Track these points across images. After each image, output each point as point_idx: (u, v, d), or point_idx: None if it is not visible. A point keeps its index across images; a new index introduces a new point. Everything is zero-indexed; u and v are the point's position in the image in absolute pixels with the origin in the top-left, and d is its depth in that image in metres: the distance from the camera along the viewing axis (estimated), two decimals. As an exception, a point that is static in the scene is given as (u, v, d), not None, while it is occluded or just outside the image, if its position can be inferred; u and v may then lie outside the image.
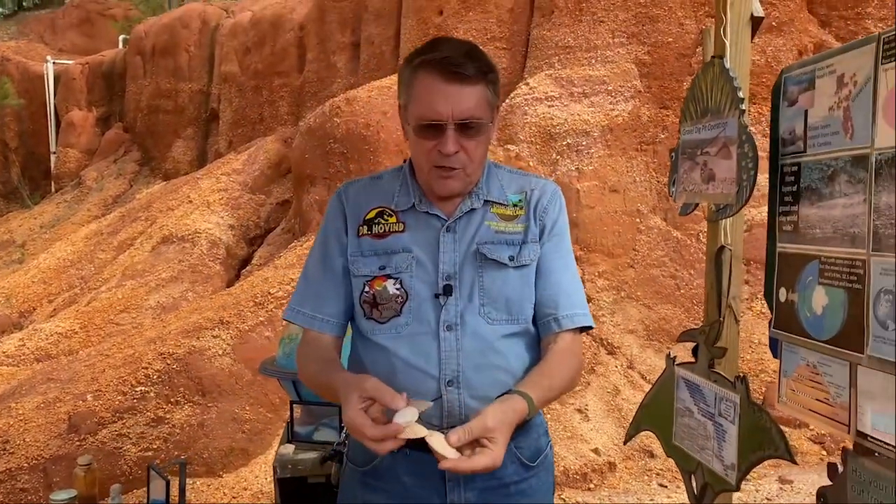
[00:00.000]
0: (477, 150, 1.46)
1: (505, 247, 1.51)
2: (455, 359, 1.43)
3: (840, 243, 1.45)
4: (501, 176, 1.61)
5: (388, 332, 1.47)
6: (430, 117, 1.42)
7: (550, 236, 1.56)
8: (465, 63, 1.41)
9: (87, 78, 14.84)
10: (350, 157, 7.56)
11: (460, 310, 1.45)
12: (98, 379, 5.37)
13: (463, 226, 1.52)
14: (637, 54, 7.24)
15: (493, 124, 1.52)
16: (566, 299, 1.52)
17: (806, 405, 1.62)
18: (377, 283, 1.48)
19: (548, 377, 1.44)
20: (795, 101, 1.67)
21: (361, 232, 1.53)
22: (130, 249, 8.82)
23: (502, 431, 1.25)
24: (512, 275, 1.49)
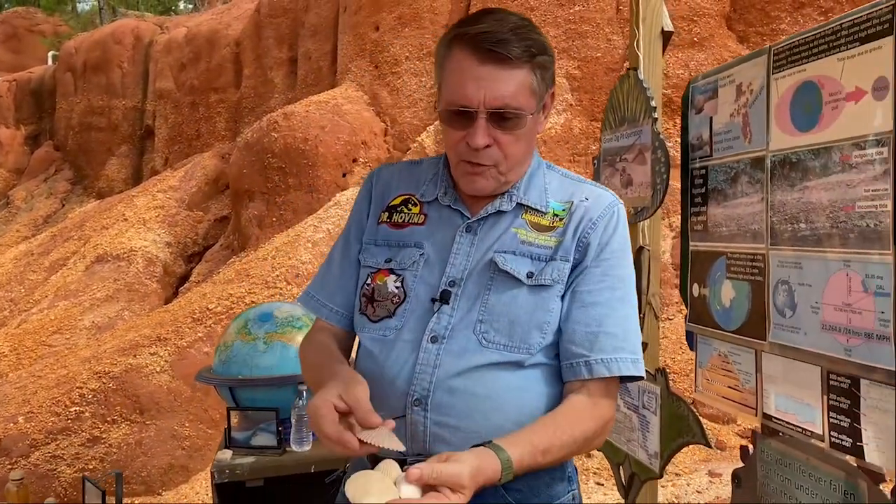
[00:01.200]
0: (514, 146, 1.23)
1: (527, 261, 1.25)
2: (429, 375, 1.21)
3: (743, 239, 1.57)
4: (550, 179, 1.35)
5: (374, 333, 1.29)
6: (459, 103, 1.20)
7: (599, 260, 1.26)
8: (508, 41, 1.18)
9: (15, 95, 14.38)
10: (289, 172, 7.55)
11: (453, 322, 1.23)
12: (30, 400, 5.21)
13: (486, 228, 1.29)
14: (568, 69, 7.46)
15: (541, 117, 1.29)
16: (608, 341, 1.22)
17: (719, 392, 1.73)
18: (380, 276, 1.31)
19: (548, 436, 1.15)
20: (702, 109, 1.80)
21: (382, 219, 1.36)
22: (63, 269, 8.57)
23: (471, 488, 1.01)
24: (524, 294, 1.23)
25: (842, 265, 1.26)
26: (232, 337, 2.41)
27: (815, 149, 1.34)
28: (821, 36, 1.33)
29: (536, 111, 1.24)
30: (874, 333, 1.19)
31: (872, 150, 1.21)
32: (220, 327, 5.64)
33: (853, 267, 1.24)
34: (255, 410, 2.31)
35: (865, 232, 1.21)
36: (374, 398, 1.15)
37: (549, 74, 1.25)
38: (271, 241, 6.96)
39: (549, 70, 1.25)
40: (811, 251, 1.34)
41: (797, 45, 1.40)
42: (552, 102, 1.31)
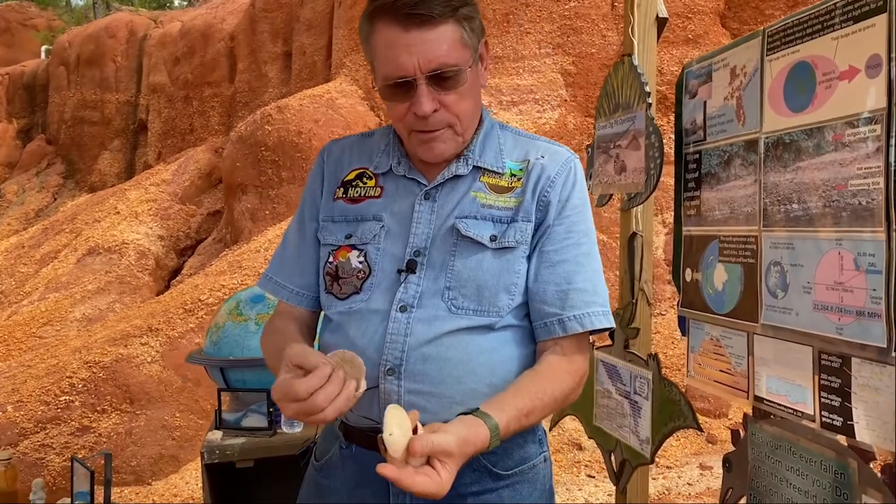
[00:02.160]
0: (461, 103, 1.20)
1: (489, 223, 1.25)
2: (401, 344, 1.20)
3: (736, 222, 1.57)
4: (504, 139, 1.34)
5: (341, 308, 1.27)
6: (396, 74, 1.18)
7: (561, 217, 1.27)
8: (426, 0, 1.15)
9: (7, 89, 14.34)
10: (282, 165, 7.53)
11: (420, 290, 1.22)
12: (19, 390, 5.19)
13: (445, 194, 1.27)
14: (562, 65, 7.47)
15: (480, 69, 1.27)
16: (579, 296, 1.23)
17: (711, 377, 1.73)
18: (341, 253, 1.29)
19: (530, 398, 1.15)
20: (696, 94, 1.80)
21: (337, 195, 1.33)
22: (54, 262, 8.54)
23: (458, 460, 1.01)
24: (489, 258, 1.23)
25: (834, 244, 1.26)
26: (223, 318, 2.40)
27: (809, 129, 1.34)
28: (815, 16, 1.33)
29: (474, 63, 1.22)
30: (865, 311, 1.19)
31: (865, 128, 1.21)
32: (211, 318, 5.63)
33: (845, 245, 1.24)
34: (246, 392, 2.31)
35: (858, 210, 1.22)
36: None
37: (476, 24, 1.22)
38: (264, 234, 6.95)
39: (476, 19, 1.22)
40: (804, 231, 1.34)
41: (791, 25, 1.40)
42: (487, 52, 1.29)
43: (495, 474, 1.22)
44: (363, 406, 1.16)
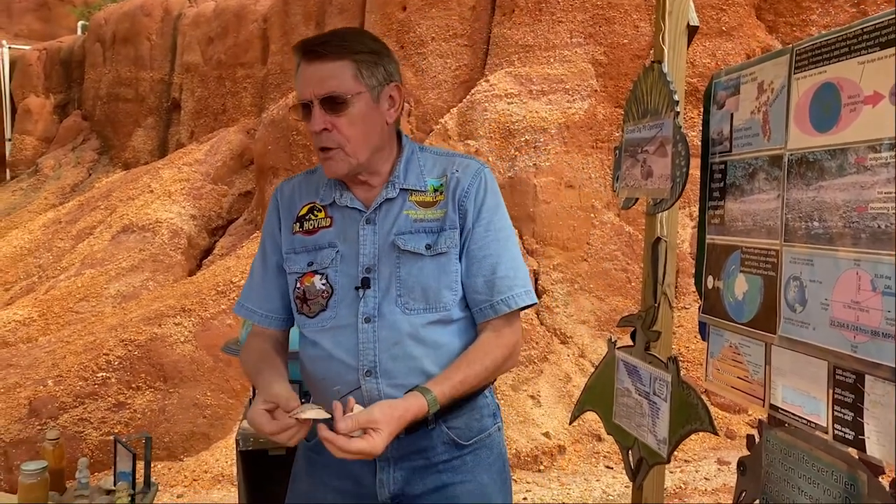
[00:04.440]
0: (350, 127, 1.44)
1: (423, 235, 1.49)
2: (372, 350, 1.44)
3: (758, 235, 1.60)
4: (424, 160, 1.57)
5: (315, 326, 1.50)
6: (299, 97, 1.47)
7: (479, 220, 1.51)
8: (326, 42, 1.45)
9: (45, 64, 14.53)
10: (312, 150, 7.61)
11: (378, 301, 1.46)
12: (59, 365, 5.36)
13: (382, 216, 1.51)
14: (594, 54, 7.42)
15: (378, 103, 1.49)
16: (503, 282, 1.49)
17: (728, 382, 1.77)
18: (307, 279, 1.51)
19: (463, 370, 1.43)
20: (723, 105, 1.82)
21: (294, 229, 1.56)
22: (89, 238, 8.72)
23: (387, 423, 1.28)
24: (428, 263, 1.47)
25: (852, 264, 1.30)
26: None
27: (832, 149, 1.36)
28: (843, 39, 1.35)
29: (372, 98, 1.46)
30: (880, 332, 1.23)
31: (887, 153, 1.24)
32: (244, 300, 5.73)
33: (863, 266, 1.27)
34: (280, 382, 2.39)
35: (876, 233, 1.25)
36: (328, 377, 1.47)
37: (379, 70, 1.48)
38: (294, 218, 7.03)
39: (379, 66, 1.48)
40: (823, 249, 1.37)
41: (819, 46, 1.42)
42: (399, 97, 1.53)
43: (459, 445, 1.50)
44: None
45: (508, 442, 5.12)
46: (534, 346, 5.90)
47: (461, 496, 1.50)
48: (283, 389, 1.37)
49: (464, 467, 1.51)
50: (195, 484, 4.81)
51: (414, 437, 1.45)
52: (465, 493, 1.50)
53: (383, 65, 1.50)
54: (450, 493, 1.49)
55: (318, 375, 1.51)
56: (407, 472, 1.48)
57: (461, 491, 1.50)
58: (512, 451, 5.03)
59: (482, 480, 1.53)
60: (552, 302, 6.40)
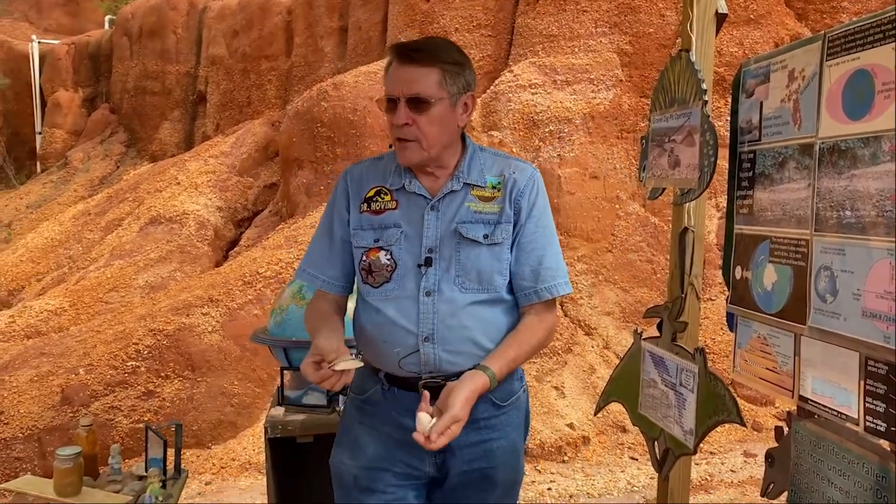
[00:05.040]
0: (429, 126, 1.66)
1: (481, 226, 1.71)
2: (431, 319, 1.67)
3: (788, 224, 1.58)
4: (484, 160, 1.80)
5: (379, 295, 1.72)
6: (388, 93, 1.68)
7: (531, 216, 1.74)
8: (421, 49, 1.67)
9: (73, 58, 14.72)
10: (337, 142, 7.65)
11: (438, 279, 1.68)
12: (90, 354, 5.46)
13: (446, 205, 1.72)
14: (619, 44, 7.36)
15: (455, 108, 1.71)
16: (547, 273, 1.73)
17: (756, 374, 1.76)
18: (372, 253, 1.72)
19: (514, 349, 1.68)
20: (752, 94, 1.80)
21: (362, 209, 1.76)
22: (118, 230, 8.85)
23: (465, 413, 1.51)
24: (484, 251, 1.70)
25: (885, 253, 1.28)
26: (287, 301, 2.52)
27: (865, 137, 1.35)
28: (876, 24, 1.33)
29: (451, 103, 1.69)
30: (914, 322, 1.21)
31: (922, 141, 1.22)
32: (270, 291, 5.81)
33: (897, 256, 1.25)
34: (308, 371, 2.43)
35: (911, 222, 1.23)
36: (390, 341, 1.69)
37: (460, 80, 1.71)
38: (318, 209, 7.09)
39: (461, 76, 1.71)
40: (855, 238, 1.35)
41: (852, 32, 1.40)
42: (472, 104, 1.76)
43: (497, 405, 1.74)
44: (409, 363, 1.68)
45: (533, 433, 5.12)
46: (558, 338, 5.90)
47: (496, 450, 1.74)
48: (328, 343, 1.58)
49: (499, 425, 1.75)
50: (223, 471, 4.88)
51: None
52: (500, 448, 1.75)
53: (464, 75, 1.72)
54: (487, 447, 1.73)
55: (380, 339, 1.71)
56: None
57: (496, 446, 1.74)
58: (536, 441, 5.04)
59: (513, 437, 1.79)
60: (576, 293, 6.39)
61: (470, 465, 1.73)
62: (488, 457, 1.74)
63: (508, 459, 1.78)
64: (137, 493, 2.57)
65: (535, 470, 4.85)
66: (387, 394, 1.74)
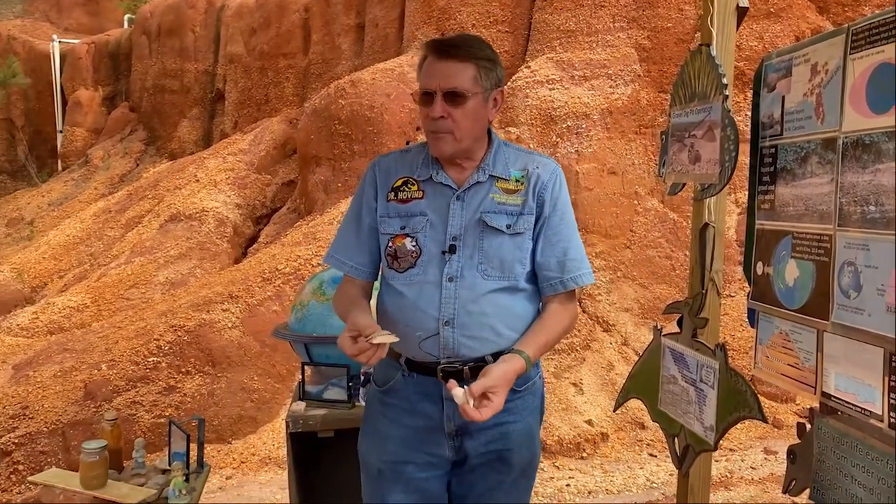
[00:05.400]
0: (464, 118, 1.74)
1: (504, 216, 1.79)
2: (452, 304, 1.74)
3: (810, 220, 1.57)
4: (508, 154, 1.87)
5: (403, 280, 1.79)
6: (424, 87, 1.75)
7: (555, 210, 1.82)
8: (457, 45, 1.74)
9: (93, 57, 14.87)
10: (354, 139, 7.67)
11: (461, 265, 1.76)
12: (112, 349, 5.53)
13: (471, 196, 1.80)
14: (637, 39, 7.32)
15: (487, 103, 1.79)
16: (572, 264, 1.82)
17: (778, 370, 1.75)
18: (398, 240, 1.80)
19: (545, 334, 1.78)
20: (774, 88, 1.79)
21: (389, 197, 1.84)
22: (139, 227, 8.94)
23: (503, 386, 1.61)
24: (507, 240, 1.78)
25: (910, 249, 1.27)
26: (308, 297, 2.54)
27: (890, 131, 1.33)
28: (901, 18, 1.32)
29: (483, 98, 1.76)
30: (939, 317, 1.20)
31: (948, 135, 1.21)
32: (289, 287, 5.85)
33: (922, 251, 1.24)
34: (328, 366, 2.45)
35: (936, 217, 1.22)
36: (412, 324, 1.76)
37: (493, 75, 1.77)
38: (336, 206, 7.13)
39: (494, 72, 1.77)
40: (880, 234, 1.34)
41: (877, 25, 1.39)
42: (501, 100, 1.84)
43: (514, 390, 1.74)
44: (429, 346, 1.74)
45: (551, 429, 5.12)
46: (576, 334, 5.88)
47: (511, 433, 1.81)
48: (364, 319, 1.67)
49: (515, 409, 1.80)
50: (243, 466, 4.93)
51: None
52: (515, 431, 1.82)
53: (496, 71, 1.79)
54: (503, 429, 1.80)
55: (402, 321, 1.78)
56: None
57: (512, 429, 1.81)
58: (554, 437, 5.04)
59: (528, 421, 1.86)
60: (595, 290, 6.37)
61: (487, 447, 1.80)
62: (505, 439, 1.81)
63: (524, 441, 1.84)
64: (161, 487, 2.60)
65: (553, 466, 4.85)
66: (407, 379, 1.81)
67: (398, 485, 1.81)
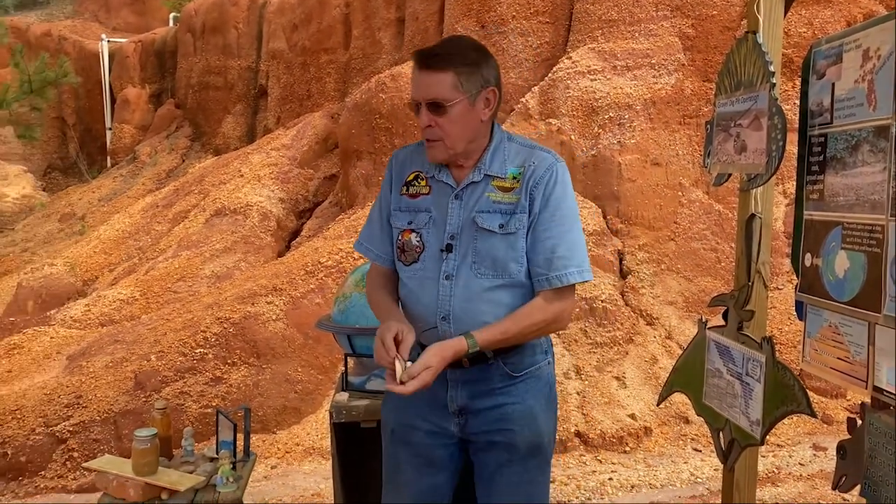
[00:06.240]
0: (450, 126, 1.80)
1: (498, 216, 1.84)
2: (448, 301, 1.84)
3: (861, 210, 1.54)
4: (510, 150, 1.90)
5: (409, 273, 1.91)
6: (411, 98, 1.85)
7: (546, 206, 1.83)
8: (437, 54, 1.80)
9: (140, 56, 15.18)
10: (395, 132, 7.71)
11: (457, 264, 1.85)
12: (160, 341, 5.67)
13: (468, 195, 1.87)
14: (681, 27, 7.19)
15: (475, 106, 1.83)
16: (559, 261, 1.82)
17: (827, 363, 1.72)
18: (406, 234, 1.90)
19: (506, 325, 1.81)
20: (824, 74, 1.75)
21: (402, 191, 1.94)
22: (185, 221, 9.12)
23: (436, 364, 1.72)
24: (500, 240, 1.83)
25: (967, 239, 1.23)
26: (350, 289, 2.58)
27: (946, 119, 1.29)
28: (958, 1, 1.27)
29: (469, 102, 1.80)
30: None
31: None
32: (331, 280, 5.92)
33: (979, 241, 1.21)
34: (370, 357, 2.48)
35: None
36: (413, 316, 1.88)
37: (477, 78, 1.81)
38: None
39: (477, 74, 1.81)
40: (935, 224, 1.31)
41: (932, 9, 1.34)
42: (495, 98, 1.86)
43: (512, 376, 1.88)
44: (428, 338, 1.84)
45: (593, 423, 5.09)
46: (618, 328, 5.83)
47: (511, 414, 1.88)
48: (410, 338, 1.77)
49: (515, 392, 1.89)
50: (287, 456, 5.01)
51: (476, 368, 1.86)
52: (515, 412, 1.89)
53: (481, 73, 1.82)
54: (503, 410, 1.88)
55: (409, 310, 1.92)
56: (470, 392, 1.89)
57: (512, 410, 1.88)
58: (597, 431, 5.01)
59: (529, 403, 1.91)
60: (638, 283, 6.30)
61: (490, 427, 1.89)
62: (504, 419, 1.88)
63: (525, 422, 1.90)
64: (210, 474, 2.66)
65: (595, 460, 4.82)
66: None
67: (407, 446, 1.96)
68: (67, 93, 15.44)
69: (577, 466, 4.76)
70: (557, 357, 5.58)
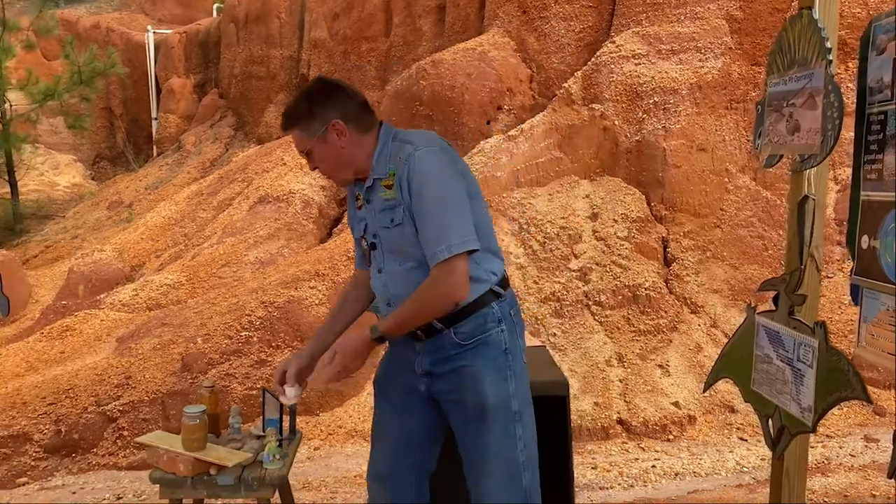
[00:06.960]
0: (323, 164, 2.15)
1: (388, 212, 2.11)
2: (386, 289, 2.19)
3: (923, 189, 1.49)
4: (392, 149, 2.14)
5: (370, 270, 2.27)
6: None
7: (413, 196, 2.05)
8: (284, 119, 2.17)
9: (185, 46, 15.41)
10: (436, 119, 7.71)
11: (383, 258, 2.18)
12: (206, 324, 5.78)
13: (373, 199, 2.17)
14: (728, 10, 7.03)
15: (328, 141, 2.11)
16: (432, 243, 2.02)
17: (885, 349, 1.67)
18: (362, 240, 2.26)
19: (400, 308, 2.08)
20: (884, 50, 1.70)
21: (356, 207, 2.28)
22: (229, 209, 9.26)
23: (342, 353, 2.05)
24: (395, 232, 2.11)
25: None
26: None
27: None
28: None
29: (322, 140, 2.10)
30: None
31: None
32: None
33: None
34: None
35: None
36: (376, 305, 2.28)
37: (315, 123, 2.10)
38: (418, 187, 7.16)
39: (313, 120, 2.10)
40: None
41: None
42: (344, 127, 2.11)
43: (460, 344, 2.12)
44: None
45: (636, 410, 5.05)
46: (662, 315, 5.76)
47: (461, 374, 2.12)
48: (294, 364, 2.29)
49: (466, 356, 2.12)
50: (330, 438, 5.09)
51: (433, 339, 2.13)
52: (463, 372, 2.12)
53: (317, 117, 2.10)
54: (457, 373, 2.13)
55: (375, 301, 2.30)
56: (432, 358, 2.16)
57: (464, 371, 2.12)
58: (640, 419, 4.97)
59: (477, 366, 2.11)
60: (682, 270, 6.21)
61: (447, 386, 2.15)
62: (455, 380, 2.13)
63: (470, 384, 2.11)
64: (257, 451, 2.72)
65: (638, 448, 4.79)
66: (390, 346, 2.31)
67: (385, 398, 2.31)
68: (115, 84, 15.77)
69: (620, 454, 4.73)
70: (599, 345, 5.54)
